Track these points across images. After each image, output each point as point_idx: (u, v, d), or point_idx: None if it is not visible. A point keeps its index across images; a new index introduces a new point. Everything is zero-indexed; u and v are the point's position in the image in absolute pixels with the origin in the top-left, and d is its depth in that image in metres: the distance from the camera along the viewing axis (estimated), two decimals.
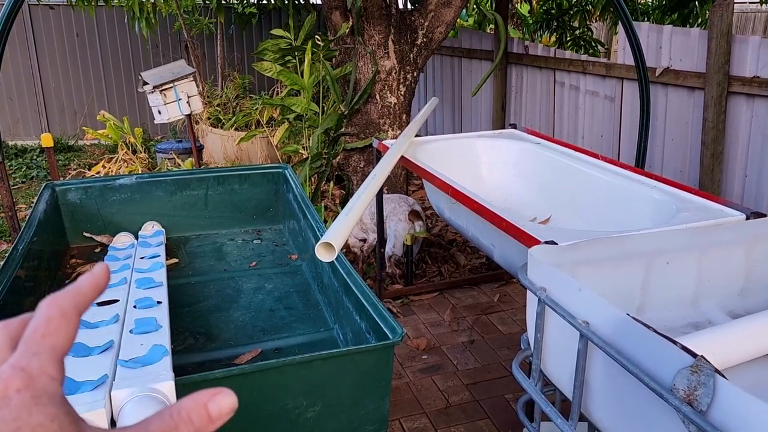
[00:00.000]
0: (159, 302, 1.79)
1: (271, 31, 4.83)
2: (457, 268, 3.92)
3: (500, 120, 5.80)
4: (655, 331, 1.11)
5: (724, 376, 0.99)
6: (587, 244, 1.56)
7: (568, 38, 7.12)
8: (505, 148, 3.34)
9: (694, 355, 1.03)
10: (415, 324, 3.30)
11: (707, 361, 1.02)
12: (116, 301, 1.84)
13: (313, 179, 4.40)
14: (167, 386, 1.26)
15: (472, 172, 3.29)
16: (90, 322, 1.65)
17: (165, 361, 1.38)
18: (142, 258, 2.33)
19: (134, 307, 1.76)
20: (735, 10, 3.54)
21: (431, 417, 2.56)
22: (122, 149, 5.68)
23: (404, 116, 4.59)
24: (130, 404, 1.21)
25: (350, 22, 4.42)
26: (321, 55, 4.44)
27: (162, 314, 1.68)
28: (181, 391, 1.30)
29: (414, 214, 3.67)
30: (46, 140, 3.58)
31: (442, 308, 3.46)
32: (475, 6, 6.97)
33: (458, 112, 6.67)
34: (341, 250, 1.91)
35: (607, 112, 4.58)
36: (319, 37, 4.69)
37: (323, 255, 1.78)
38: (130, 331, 1.58)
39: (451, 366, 2.91)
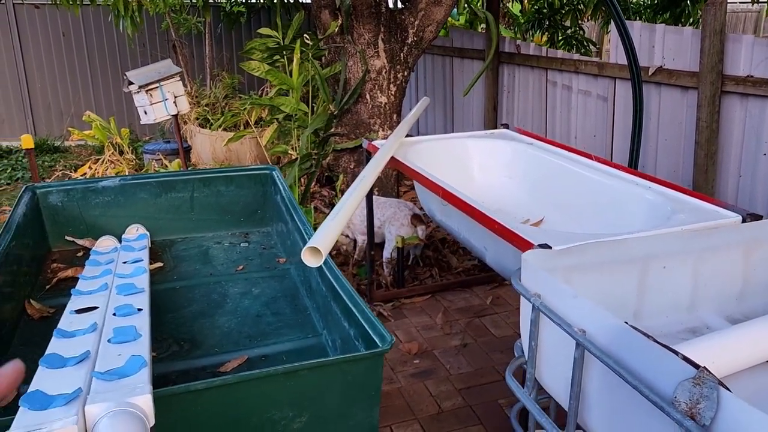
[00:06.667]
0: (140, 309, 1.73)
1: (259, 30, 4.76)
2: (449, 270, 3.87)
3: (492, 120, 5.76)
4: (655, 341, 1.06)
5: (728, 389, 0.95)
6: (581, 249, 1.51)
7: (560, 37, 7.10)
8: (497, 148, 3.29)
9: (696, 366, 0.99)
10: (407, 328, 3.24)
11: (710, 372, 0.97)
12: (95, 308, 1.77)
13: (302, 180, 4.34)
14: (144, 400, 1.20)
15: (464, 172, 3.24)
16: (67, 330, 1.58)
17: (143, 373, 1.32)
18: (124, 262, 2.26)
19: (114, 314, 1.69)
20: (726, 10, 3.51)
21: (423, 423, 2.50)
22: (109, 150, 5.59)
23: (395, 116, 4.54)
24: (105, 420, 1.15)
25: (339, 21, 4.36)
26: (310, 55, 4.38)
27: (142, 322, 1.62)
28: (160, 404, 1.24)
29: (416, 219, 3.63)
30: (27, 141, 3.50)
31: (434, 311, 3.41)
32: (466, 5, 6.93)
33: (450, 112, 6.62)
34: (329, 253, 1.85)
35: (600, 112, 4.54)
36: (307, 36, 4.64)
37: (310, 260, 1.72)
38: (108, 341, 1.51)
39: (443, 370, 2.86)
